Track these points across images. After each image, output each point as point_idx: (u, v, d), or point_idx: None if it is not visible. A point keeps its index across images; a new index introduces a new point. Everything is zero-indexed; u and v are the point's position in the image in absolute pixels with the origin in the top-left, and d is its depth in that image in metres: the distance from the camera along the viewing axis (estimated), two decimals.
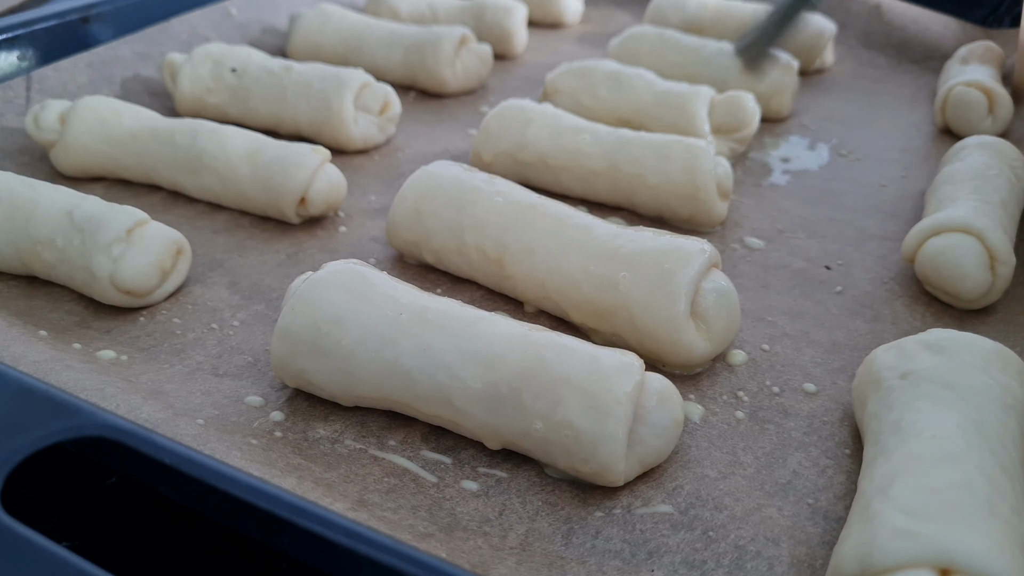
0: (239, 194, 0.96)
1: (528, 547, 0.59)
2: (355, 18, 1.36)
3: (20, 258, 0.81)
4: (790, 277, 0.91)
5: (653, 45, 1.32)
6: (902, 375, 0.65)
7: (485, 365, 0.63)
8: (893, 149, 1.20)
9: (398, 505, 0.61)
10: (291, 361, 0.68)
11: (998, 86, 1.21)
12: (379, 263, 0.90)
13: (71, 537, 0.57)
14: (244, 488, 0.49)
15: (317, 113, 1.11)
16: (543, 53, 1.51)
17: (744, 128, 1.11)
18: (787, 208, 1.04)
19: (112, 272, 0.77)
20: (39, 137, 1.01)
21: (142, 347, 0.76)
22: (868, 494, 0.56)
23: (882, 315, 0.85)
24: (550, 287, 0.78)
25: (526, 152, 1.01)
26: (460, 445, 0.67)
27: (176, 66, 1.17)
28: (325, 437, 0.67)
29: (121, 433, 0.52)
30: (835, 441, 0.69)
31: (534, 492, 0.63)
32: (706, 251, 0.75)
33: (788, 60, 1.27)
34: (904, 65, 1.48)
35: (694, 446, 0.68)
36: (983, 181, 0.92)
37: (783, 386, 0.75)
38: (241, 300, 0.84)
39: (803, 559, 0.58)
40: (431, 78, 1.29)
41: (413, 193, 0.87)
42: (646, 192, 0.96)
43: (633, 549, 0.59)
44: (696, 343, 0.73)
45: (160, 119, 1.02)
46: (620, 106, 1.14)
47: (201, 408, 0.69)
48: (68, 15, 1.17)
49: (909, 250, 0.87)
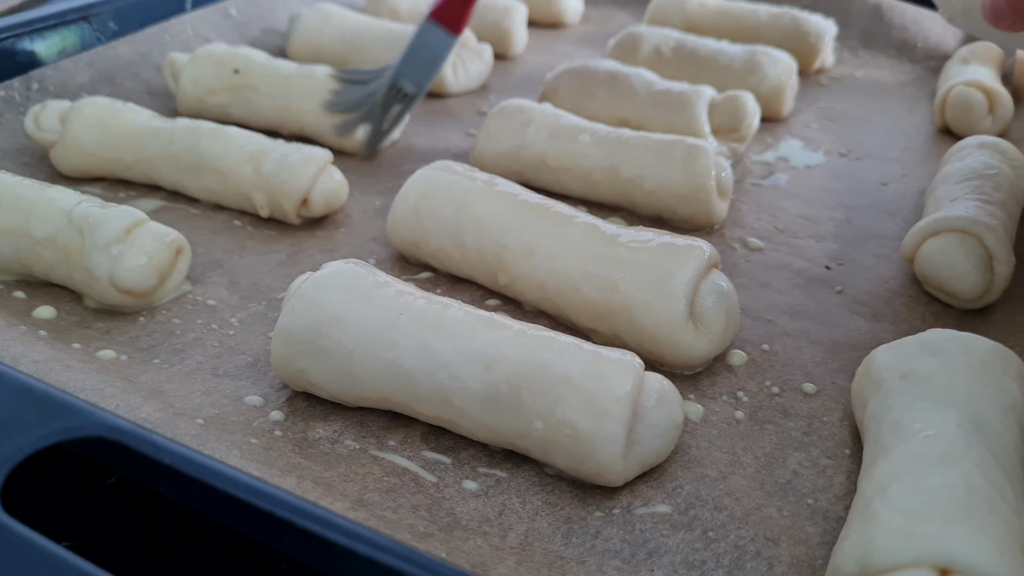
0: (240, 195, 0.96)
1: (528, 547, 0.59)
2: (355, 18, 1.36)
3: (20, 258, 0.81)
4: (790, 277, 0.91)
5: (653, 45, 1.32)
6: (902, 375, 0.65)
7: (485, 365, 0.63)
8: (893, 149, 1.20)
9: (398, 505, 0.61)
10: (291, 361, 0.68)
11: (998, 86, 1.21)
12: (379, 263, 0.90)
13: (71, 537, 0.57)
14: (244, 488, 0.49)
15: (320, 114, 1.11)
16: (543, 53, 1.51)
17: (744, 128, 1.11)
18: (787, 208, 1.04)
19: (111, 272, 0.77)
20: (39, 137, 1.01)
21: (142, 347, 0.77)
22: (868, 494, 0.56)
23: (882, 315, 0.85)
24: (550, 287, 0.78)
25: (526, 152, 1.01)
26: (460, 445, 0.67)
27: (178, 66, 1.17)
28: (325, 437, 0.67)
29: (121, 433, 0.52)
30: (835, 441, 0.69)
31: (534, 492, 0.63)
32: (706, 251, 0.75)
33: (788, 60, 1.27)
34: (904, 65, 1.48)
35: (694, 446, 0.68)
36: (983, 181, 0.92)
37: (783, 386, 0.75)
38: (241, 300, 0.84)
39: (803, 559, 0.58)
40: None
41: (413, 193, 0.87)
42: (646, 192, 0.96)
43: (633, 549, 0.59)
44: (696, 343, 0.73)
45: (161, 119, 1.02)
46: (620, 106, 1.14)
47: (201, 408, 0.69)
48: (68, 15, 1.17)
49: (908, 250, 0.87)
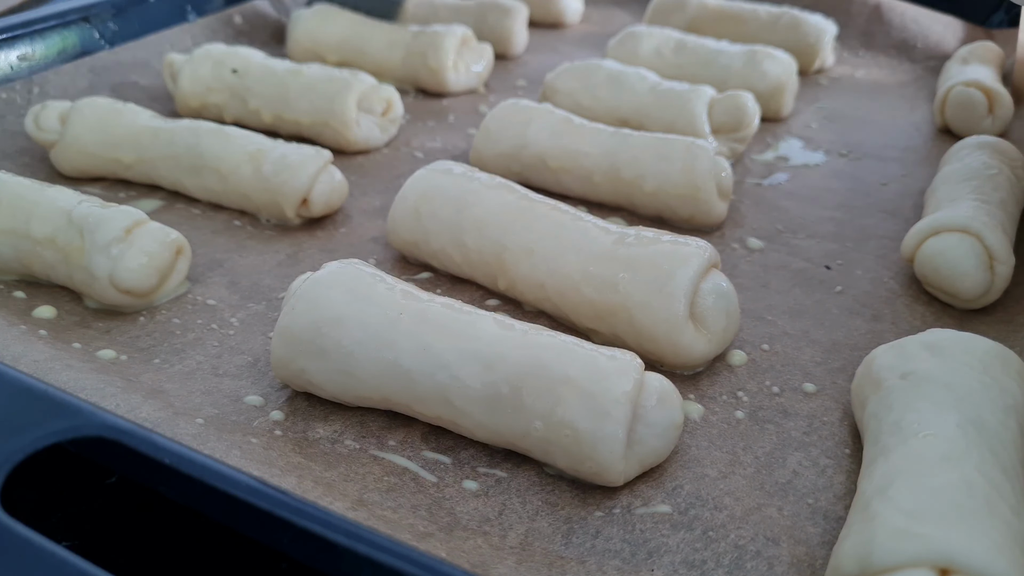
0: (240, 195, 0.96)
1: (528, 547, 0.59)
2: (355, 18, 1.36)
3: (20, 258, 0.81)
4: (790, 277, 0.90)
5: (653, 45, 1.32)
6: (902, 375, 0.65)
7: (485, 365, 0.63)
8: (893, 149, 1.20)
9: (398, 504, 0.61)
10: (291, 361, 0.68)
11: (998, 86, 1.20)
12: (379, 263, 0.90)
13: (71, 537, 0.57)
14: (244, 488, 0.49)
15: (320, 115, 1.11)
16: (543, 53, 1.51)
17: (744, 128, 1.11)
18: (787, 208, 1.04)
19: (111, 271, 0.77)
20: (39, 137, 1.01)
21: (142, 347, 0.77)
22: (868, 494, 0.56)
23: (882, 315, 0.85)
24: (549, 288, 0.78)
25: (526, 152, 1.01)
26: (460, 445, 0.67)
27: (176, 66, 1.17)
28: (325, 437, 0.67)
29: (121, 433, 0.52)
30: (835, 441, 0.69)
31: (534, 492, 0.63)
32: (705, 252, 0.75)
33: (788, 60, 1.27)
34: (904, 65, 1.48)
35: (694, 446, 0.68)
36: (982, 181, 0.92)
37: (783, 386, 0.75)
38: (241, 300, 0.84)
39: (803, 559, 0.58)
40: (432, 78, 1.29)
41: (413, 193, 0.87)
42: (646, 192, 0.96)
43: (633, 549, 0.59)
44: (695, 344, 0.73)
45: (161, 119, 1.02)
46: (620, 106, 1.14)
47: (201, 408, 0.69)
48: (68, 15, 1.17)
49: (908, 250, 0.87)
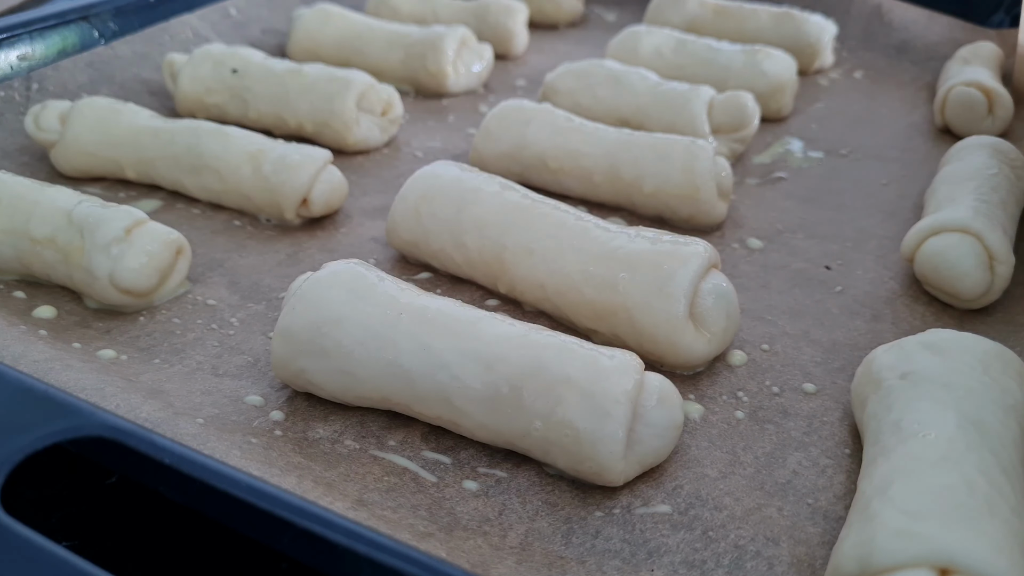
0: (240, 195, 0.96)
1: (528, 547, 0.59)
2: (355, 18, 1.36)
3: (20, 258, 0.81)
4: (790, 277, 0.90)
5: (653, 45, 1.32)
6: (902, 375, 0.65)
7: (485, 365, 0.63)
8: (893, 149, 1.20)
9: (398, 504, 0.61)
10: (291, 361, 0.68)
11: (998, 86, 1.20)
12: (379, 263, 0.90)
13: (71, 537, 0.57)
14: (244, 488, 0.49)
15: (319, 115, 1.11)
16: (543, 53, 1.51)
17: (744, 128, 1.11)
18: (787, 208, 1.04)
19: (111, 271, 0.77)
20: (39, 137, 1.01)
21: (142, 347, 0.77)
22: (868, 494, 0.56)
23: (882, 315, 0.85)
24: (549, 288, 0.78)
25: (526, 152, 1.01)
26: (460, 445, 0.67)
27: (176, 66, 1.17)
28: (325, 437, 0.67)
29: (121, 433, 0.52)
30: (835, 441, 0.69)
31: (534, 492, 0.63)
32: (705, 252, 0.75)
33: (788, 60, 1.27)
34: (904, 65, 1.48)
35: (694, 446, 0.68)
36: (983, 181, 0.92)
37: (783, 386, 0.75)
38: (241, 300, 0.84)
39: (803, 559, 0.58)
40: (432, 78, 1.29)
41: (413, 193, 0.87)
42: (646, 192, 0.96)
43: (633, 549, 0.59)
44: (695, 344, 0.73)
45: (160, 119, 1.02)
46: (620, 106, 1.14)
47: (201, 407, 0.69)
48: (68, 15, 1.17)
49: (908, 250, 0.87)
